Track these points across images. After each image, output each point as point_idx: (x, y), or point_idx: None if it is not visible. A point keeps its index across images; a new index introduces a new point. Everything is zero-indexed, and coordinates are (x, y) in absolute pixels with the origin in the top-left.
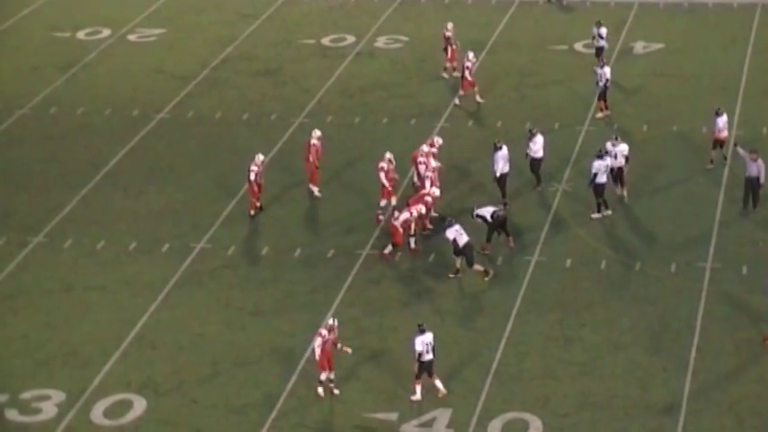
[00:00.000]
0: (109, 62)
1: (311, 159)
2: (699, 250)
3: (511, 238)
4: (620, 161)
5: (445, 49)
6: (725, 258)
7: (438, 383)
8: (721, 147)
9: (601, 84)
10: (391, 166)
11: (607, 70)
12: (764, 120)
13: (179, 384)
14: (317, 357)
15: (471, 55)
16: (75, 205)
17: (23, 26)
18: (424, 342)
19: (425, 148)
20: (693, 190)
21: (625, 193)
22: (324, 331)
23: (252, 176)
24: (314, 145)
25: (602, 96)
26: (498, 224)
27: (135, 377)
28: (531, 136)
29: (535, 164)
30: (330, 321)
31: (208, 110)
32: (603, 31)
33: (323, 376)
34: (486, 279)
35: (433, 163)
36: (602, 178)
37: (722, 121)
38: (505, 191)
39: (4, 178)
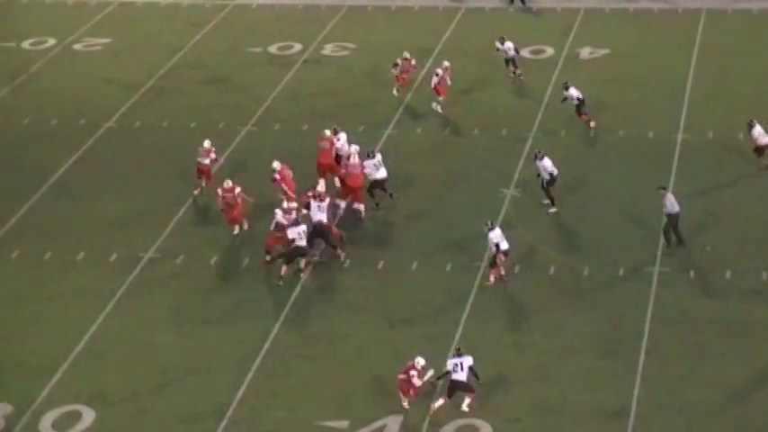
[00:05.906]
0: (55, 72)
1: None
2: (646, 254)
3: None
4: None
5: (395, 65)
6: (672, 262)
7: (467, 403)
8: (761, 153)
9: (575, 102)
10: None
11: (573, 92)
12: (710, 124)
13: (129, 395)
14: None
15: (446, 63)
16: (22, 215)
17: None
18: (454, 363)
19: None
20: (640, 194)
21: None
22: None
23: (207, 161)
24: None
25: (579, 110)
26: (318, 233)
27: (84, 388)
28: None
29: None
30: None
31: (155, 118)
32: (509, 44)
33: None
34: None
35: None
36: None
37: (756, 131)
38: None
39: None
